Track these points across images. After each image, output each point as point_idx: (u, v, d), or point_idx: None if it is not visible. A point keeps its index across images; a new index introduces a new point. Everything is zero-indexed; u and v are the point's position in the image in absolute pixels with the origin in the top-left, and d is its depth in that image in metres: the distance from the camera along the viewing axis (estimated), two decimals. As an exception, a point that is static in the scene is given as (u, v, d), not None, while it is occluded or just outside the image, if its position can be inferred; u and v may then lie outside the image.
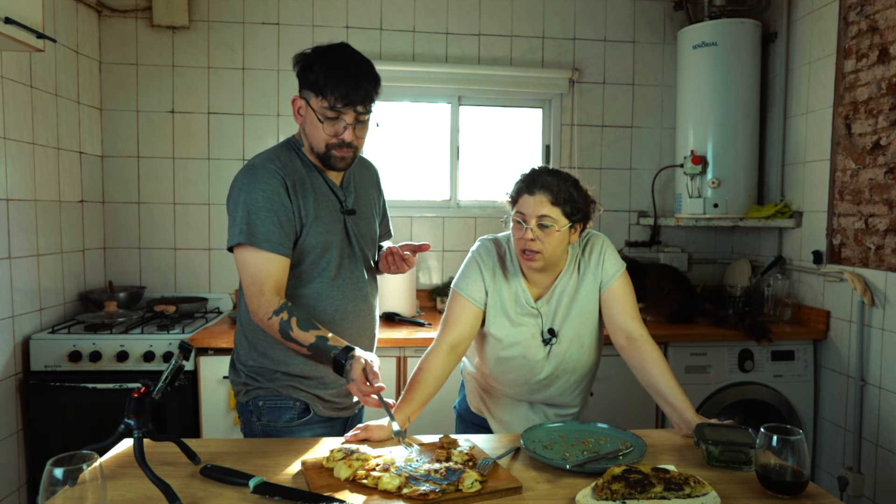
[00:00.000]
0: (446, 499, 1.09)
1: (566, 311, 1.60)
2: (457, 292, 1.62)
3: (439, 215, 3.17)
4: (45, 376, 2.37)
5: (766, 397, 2.69)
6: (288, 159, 1.55)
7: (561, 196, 1.49)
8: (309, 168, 1.57)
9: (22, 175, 2.38)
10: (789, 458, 1.13)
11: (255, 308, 1.46)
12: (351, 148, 1.51)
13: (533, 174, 1.54)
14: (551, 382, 1.63)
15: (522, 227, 1.51)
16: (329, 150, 1.51)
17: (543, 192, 1.49)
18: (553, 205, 1.49)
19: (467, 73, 3.13)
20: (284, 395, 1.57)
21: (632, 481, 1.09)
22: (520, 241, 1.53)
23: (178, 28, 2.96)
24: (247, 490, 1.11)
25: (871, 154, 2.43)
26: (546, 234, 1.49)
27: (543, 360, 1.60)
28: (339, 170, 1.57)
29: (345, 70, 1.46)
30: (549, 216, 1.49)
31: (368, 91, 1.48)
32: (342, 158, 1.52)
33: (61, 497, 0.86)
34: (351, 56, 1.49)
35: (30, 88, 2.42)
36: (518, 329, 1.60)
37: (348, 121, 1.47)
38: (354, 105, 1.46)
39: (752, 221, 2.93)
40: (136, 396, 1.11)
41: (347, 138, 1.49)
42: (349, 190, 1.64)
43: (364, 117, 1.50)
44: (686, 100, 3.07)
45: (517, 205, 1.54)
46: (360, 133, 1.52)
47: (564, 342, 1.60)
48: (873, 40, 2.42)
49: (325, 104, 1.45)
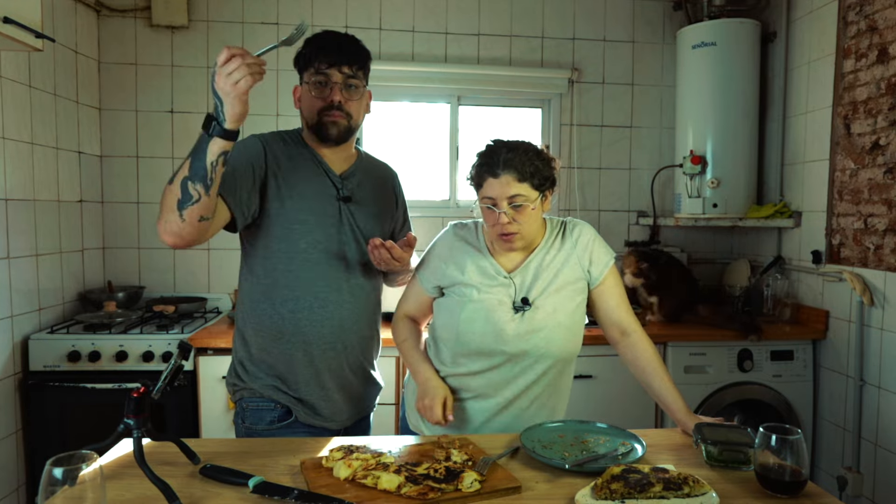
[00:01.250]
0: (445, 498, 1.09)
1: (544, 286, 1.52)
2: (414, 275, 1.65)
3: (438, 215, 3.17)
4: (45, 376, 2.37)
5: (765, 397, 2.69)
6: (287, 137, 1.61)
7: (527, 171, 1.42)
8: (306, 150, 1.59)
9: (21, 175, 2.37)
10: (788, 457, 1.13)
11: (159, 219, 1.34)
12: (342, 112, 1.52)
13: (491, 153, 1.46)
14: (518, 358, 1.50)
15: (494, 212, 1.44)
16: (321, 118, 1.52)
17: (508, 172, 1.42)
18: (520, 182, 1.42)
19: (467, 73, 3.13)
20: (266, 396, 1.55)
21: (631, 481, 1.09)
22: (495, 227, 1.45)
23: (177, 28, 2.96)
24: (246, 490, 1.11)
25: (870, 154, 2.43)
26: (520, 212, 1.43)
27: (512, 322, 1.48)
28: (332, 139, 1.55)
29: (329, 38, 1.54)
30: (519, 194, 1.42)
31: (355, 54, 1.52)
32: (334, 123, 1.53)
33: (61, 497, 0.86)
34: (336, 33, 1.56)
35: (28, 88, 2.41)
36: (485, 295, 1.50)
37: (335, 80, 1.50)
38: (340, 65, 1.50)
39: (751, 221, 2.93)
40: (135, 396, 1.11)
41: (336, 98, 1.51)
42: (351, 180, 1.62)
43: (353, 81, 1.53)
44: (685, 100, 3.07)
45: (482, 189, 1.46)
46: (351, 98, 1.54)
47: (540, 313, 1.50)
48: (872, 40, 2.42)
49: (313, 70, 1.51)
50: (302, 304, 1.54)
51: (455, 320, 1.52)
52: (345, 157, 1.65)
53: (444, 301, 1.58)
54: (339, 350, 1.58)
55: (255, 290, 1.57)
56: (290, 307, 1.54)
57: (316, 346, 1.55)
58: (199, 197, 1.29)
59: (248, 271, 1.59)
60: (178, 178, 1.28)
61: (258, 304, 1.57)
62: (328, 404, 1.59)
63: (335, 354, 1.58)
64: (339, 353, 1.58)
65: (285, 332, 1.54)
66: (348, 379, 1.62)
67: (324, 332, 1.55)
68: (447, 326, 1.54)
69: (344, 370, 1.61)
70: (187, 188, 1.28)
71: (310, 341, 1.55)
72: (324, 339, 1.56)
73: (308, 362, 1.56)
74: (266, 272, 1.55)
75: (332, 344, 1.57)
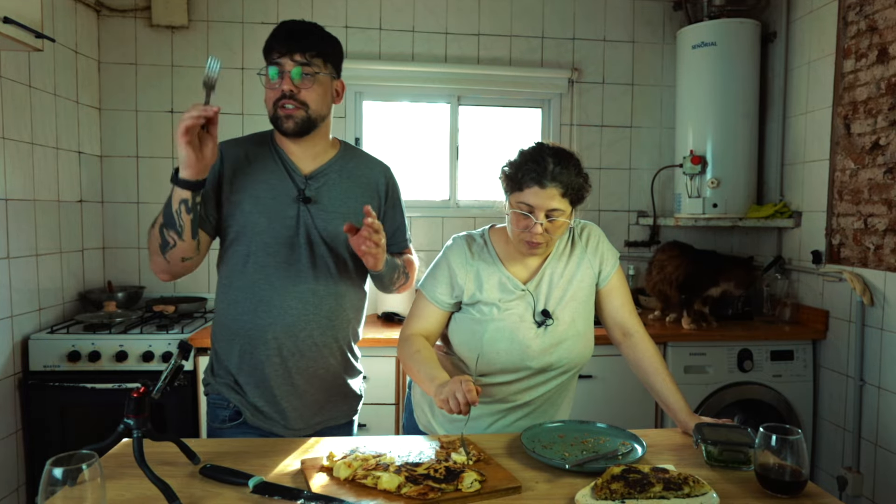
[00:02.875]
0: (446, 498, 1.09)
1: (561, 294, 1.52)
2: (420, 292, 1.56)
3: (438, 215, 3.17)
4: (44, 376, 2.37)
5: (765, 397, 2.69)
6: (259, 138, 1.58)
7: (572, 188, 1.41)
8: (269, 150, 1.55)
9: (21, 175, 2.37)
10: (788, 457, 1.13)
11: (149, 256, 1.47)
12: (295, 102, 1.45)
13: (540, 159, 1.39)
14: (543, 371, 1.50)
15: (529, 219, 1.40)
16: (276, 110, 1.47)
17: (555, 186, 1.38)
18: (563, 197, 1.40)
19: (466, 73, 3.13)
20: (222, 394, 1.56)
21: (631, 481, 1.09)
22: (524, 233, 1.42)
23: (177, 28, 2.96)
24: (246, 490, 1.11)
25: (870, 154, 2.43)
26: (553, 226, 1.42)
27: (536, 338, 1.48)
28: (290, 132, 1.48)
29: (283, 27, 1.49)
30: (558, 209, 1.40)
31: (308, 40, 1.46)
32: (288, 117, 1.46)
33: (61, 497, 0.86)
34: (294, 21, 1.52)
35: (28, 88, 2.41)
36: (506, 313, 1.49)
37: (286, 68, 1.44)
38: (292, 53, 1.44)
39: (751, 221, 2.93)
40: (135, 396, 1.11)
41: (286, 87, 1.44)
42: (319, 179, 1.55)
43: (309, 70, 1.46)
44: (685, 100, 3.07)
45: (522, 194, 1.40)
46: (305, 86, 1.46)
47: (560, 325, 1.50)
48: (872, 40, 2.42)
49: (268, 61, 1.47)
50: (246, 306, 1.51)
51: (478, 341, 1.49)
52: (315, 154, 1.56)
53: (462, 319, 1.53)
54: (285, 356, 1.52)
55: (219, 291, 1.58)
56: (239, 309, 1.52)
57: (259, 350, 1.52)
58: (175, 242, 1.39)
59: (218, 271, 1.61)
60: (157, 224, 1.39)
61: (219, 304, 1.58)
62: (276, 410, 1.54)
63: (280, 361, 1.52)
64: (284, 360, 1.52)
65: (234, 334, 1.53)
66: (300, 387, 1.55)
67: (266, 336, 1.51)
68: (468, 345, 1.51)
69: (292, 377, 1.54)
70: (164, 235, 1.39)
71: (254, 345, 1.52)
72: (266, 344, 1.51)
73: (253, 366, 1.52)
74: (225, 274, 1.56)
75: (276, 349, 1.51)
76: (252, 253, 1.51)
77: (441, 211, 3.19)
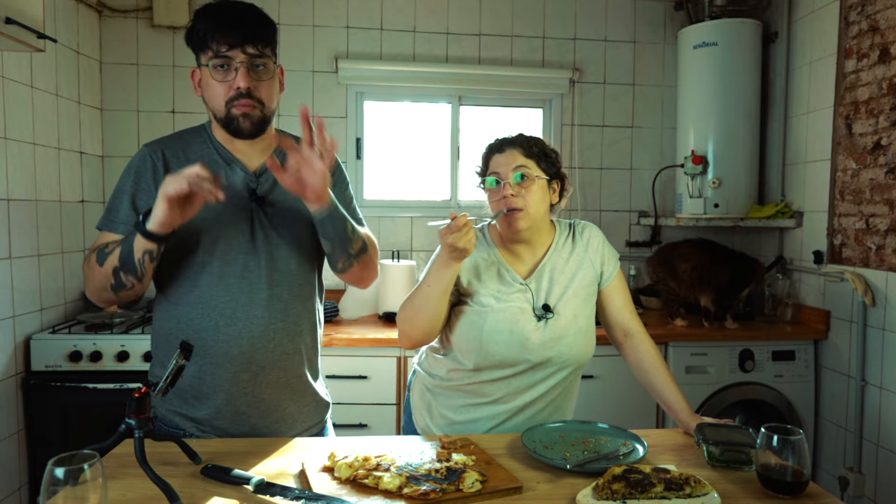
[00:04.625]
0: (447, 498, 1.09)
1: (562, 291, 1.51)
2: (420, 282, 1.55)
3: (440, 215, 3.17)
4: (46, 376, 2.38)
5: (766, 397, 2.69)
6: (189, 137, 1.44)
7: (533, 149, 1.47)
8: (211, 148, 1.41)
9: (23, 175, 2.38)
10: (790, 458, 1.13)
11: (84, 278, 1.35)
12: (252, 100, 1.33)
13: (497, 138, 1.54)
14: (542, 366, 1.49)
15: (499, 185, 1.45)
16: (229, 110, 1.34)
17: (514, 147, 1.48)
18: (527, 157, 1.46)
19: (468, 73, 3.13)
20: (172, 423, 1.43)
21: (632, 481, 1.09)
22: (500, 202, 1.45)
23: (178, 28, 2.96)
24: (247, 490, 1.11)
25: (871, 154, 2.43)
26: (525, 186, 1.44)
27: (536, 331, 1.46)
28: (246, 133, 1.36)
29: (224, 11, 1.33)
30: (524, 166, 1.45)
31: (256, 30, 1.32)
32: (245, 116, 1.34)
33: (62, 497, 0.86)
34: (232, 3, 1.35)
35: (30, 88, 2.42)
36: (505, 304, 1.47)
37: (238, 62, 1.31)
38: (242, 45, 1.31)
39: (752, 221, 2.93)
40: (136, 396, 1.11)
41: (243, 84, 1.31)
42: (268, 174, 1.41)
43: (259, 62, 1.34)
44: (687, 100, 3.07)
45: (489, 168, 1.50)
46: (259, 80, 1.34)
47: (561, 319, 1.49)
48: (874, 40, 2.42)
49: (211, 54, 1.32)
50: (204, 322, 1.36)
51: (477, 332, 1.47)
52: (262, 149, 1.44)
53: (461, 311, 1.52)
54: (255, 371, 1.39)
55: (162, 308, 1.43)
56: (194, 326, 1.37)
57: (225, 368, 1.37)
58: (133, 285, 1.30)
59: (157, 289, 1.45)
60: (109, 264, 1.27)
61: (164, 322, 1.42)
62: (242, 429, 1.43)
63: (250, 376, 1.39)
64: (254, 375, 1.39)
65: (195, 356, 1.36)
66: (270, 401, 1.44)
67: (233, 352, 1.37)
68: (466, 338, 1.50)
69: (262, 392, 1.42)
70: (120, 277, 1.28)
71: (217, 363, 1.37)
72: (233, 361, 1.37)
73: (215, 386, 1.38)
74: (169, 288, 1.40)
75: (246, 365, 1.38)
76: (206, 263, 1.36)
77: (442, 211, 3.19)
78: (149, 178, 1.38)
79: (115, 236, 1.35)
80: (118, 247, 1.28)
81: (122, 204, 1.38)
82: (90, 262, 1.32)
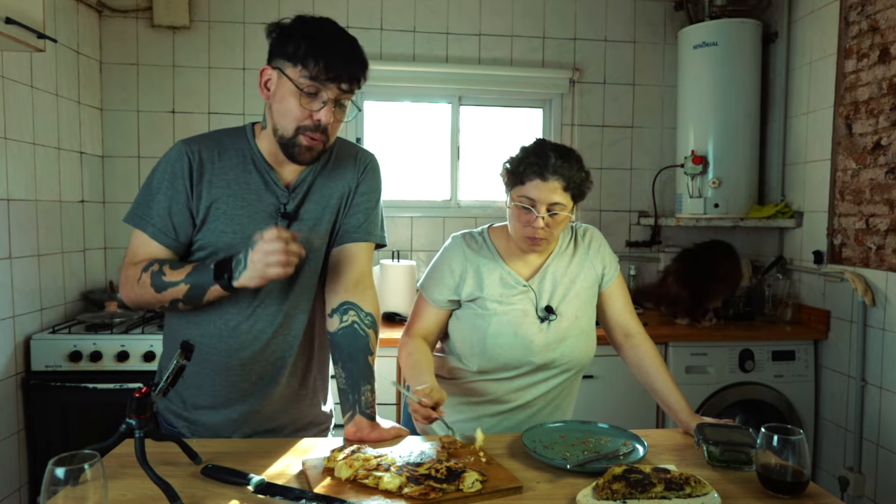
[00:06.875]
0: (447, 498, 1.09)
1: (564, 293, 1.52)
2: (420, 293, 1.57)
3: (440, 215, 3.17)
4: (46, 376, 2.37)
5: (766, 397, 2.69)
6: (226, 142, 1.37)
7: (574, 182, 1.42)
8: (248, 158, 1.36)
9: (23, 175, 2.38)
10: (790, 458, 1.13)
11: (123, 281, 1.30)
12: (324, 135, 1.29)
13: (542, 153, 1.41)
14: (545, 368, 1.50)
15: (530, 213, 1.41)
16: (297, 135, 1.28)
17: (556, 179, 1.40)
18: (565, 191, 1.42)
19: (468, 73, 3.13)
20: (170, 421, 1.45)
21: (632, 481, 1.09)
22: (526, 228, 1.43)
23: (178, 28, 2.96)
24: (247, 490, 1.11)
25: (871, 154, 2.43)
26: (555, 220, 1.43)
27: (539, 333, 1.48)
28: (302, 163, 1.32)
29: (333, 40, 1.26)
30: (560, 203, 1.41)
31: (357, 70, 1.27)
32: (310, 149, 1.29)
33: (62, 497, 0.86)
34: (339, 30, 1.30)
35: (30, 88, 2.42)
36: (508, 307, 1.49)
37: (329, 96, 1.26)
38: (339, 81, 1.25)
39: (752, 221, 2.93)
40: (137, 396, 1.11)
41: (324, 119, 1.26)
42: (301, 188, 1.38)
43: (346, 100, 1.30)
44: (687, 100, 3.07)
45: (524, 188, 1.42)
46: (339, 119, 1.31)
47: (564, 321, 1.50)
48: (874, 40, 2.42)
49: (306, 73, 1.24)
50: (209, 329, 1.36)
51: (481, 335, 1.49)
52: None
53: (464, 315, 1.53)
54: (254, 381, 1.40)
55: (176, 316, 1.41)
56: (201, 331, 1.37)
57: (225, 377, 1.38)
58: (184, 310, 1.32)
59: None
60: (169, 295, 1.27)
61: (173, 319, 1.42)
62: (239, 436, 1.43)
63: (248, 386, 1.39)
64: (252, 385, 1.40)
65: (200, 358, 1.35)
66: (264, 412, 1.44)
67: (232, 363, 1.37)
68: (469, 341, 1.51)
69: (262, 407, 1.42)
70: (177, 306, 1.29)
71: (217, 371, 1.38)
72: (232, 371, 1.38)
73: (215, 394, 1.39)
74: None
75: (245, 376, 1.39)
76: None
77: (442, 211, 3.19)
78: (185, 180, 1.32)
79: (150, 241, 1.31)
80: (183, 282, 1.25)
81: (156, 204, 1.32)
82: (142, 281, 1.27)
